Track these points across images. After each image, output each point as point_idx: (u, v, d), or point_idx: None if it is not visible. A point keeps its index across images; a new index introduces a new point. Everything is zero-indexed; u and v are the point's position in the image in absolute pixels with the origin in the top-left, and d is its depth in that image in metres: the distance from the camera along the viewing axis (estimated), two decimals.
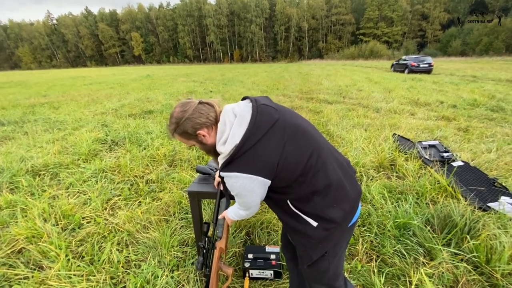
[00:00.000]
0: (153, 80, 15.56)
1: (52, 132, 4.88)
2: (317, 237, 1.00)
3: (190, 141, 1.04)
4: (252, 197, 0.98)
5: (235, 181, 0.95)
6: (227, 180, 0.97)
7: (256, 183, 0.94)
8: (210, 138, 1.02)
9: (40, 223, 2.13)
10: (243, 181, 0.93)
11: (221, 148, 0.96)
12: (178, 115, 0.99)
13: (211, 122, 1.00)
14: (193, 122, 0.98)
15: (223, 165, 0.96)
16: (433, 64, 16.06)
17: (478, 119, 5.21)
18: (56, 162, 3.38)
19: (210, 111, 1.00)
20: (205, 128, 1.00)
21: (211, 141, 1.03)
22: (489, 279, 1.60)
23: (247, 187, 0.95)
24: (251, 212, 1.10)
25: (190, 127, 0.98)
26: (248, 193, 0.97)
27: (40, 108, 7.25)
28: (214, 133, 1.01)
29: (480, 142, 3.88)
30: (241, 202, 1.05)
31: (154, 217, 2.29)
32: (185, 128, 0.99)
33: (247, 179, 0.93)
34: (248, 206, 1.04)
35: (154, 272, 1.71)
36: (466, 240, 1.81)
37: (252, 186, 0.95)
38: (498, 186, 2.56)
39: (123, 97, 8.90)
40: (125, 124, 5.10)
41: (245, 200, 1.01)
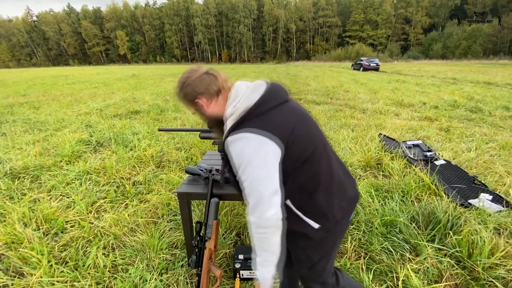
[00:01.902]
0: (140, 80, 15.24)
1: (32, 133, 4.69)
2: (318, 239, 0.98)
3: (190, 107, 1.04)
4: (263, 173, 0.82)
5: (242, 145, 0.84)
6: (233, 147, 0.85)
7: (267, 148, 0.83)
8: (209, 108, 1.00)
9: (20, 228, 2.04)
10: (253, 144, 0.83)
11: (232, 109, 0.91)
12: (182, 79, 1.00)
13: (211, 92, 0.98)
14: (192, 89, 0.98)
15: (232, 127, 0.90)
16: (379, 64, 22.22)
17: (458, 119, 5.43)
18: (36, 164, 3.24)
19: (212, 82, 0.98)
20: (204, 97, 0.98)
21: (209, 111, 1.01)
22: (471, 272, 1.66)
23: (257, 153, 0.82)
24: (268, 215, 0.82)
25: (189, 94, 0.99)
26: (259, 164, 0.82)
27: (19, 108, 6.94)
28: (214, 104, 1.00)
29: (460, 141, 4.05)
30: (250, 190, 0.84)
31: (142, 219, 2.24)
32: (185, 94, 1.00)
33: (257, 142, 0.83)
34: (260, 196, 0.82)
35: (142, 275, 1.67)
36: (449, 236, 1.88)
37: (263, 153, 0.82)
38: (478, 184, 2.67)
39: (108, 97, 8.67)
40: (111, 125, 4.97)
41: (255, 181, 0.82)
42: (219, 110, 1.00)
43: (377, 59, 23.38)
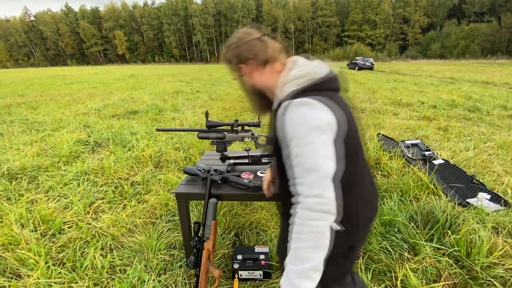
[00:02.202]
0: (138, 80, 15.21)
1: (30, 133, 4.66)
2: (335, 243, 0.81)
3: (233, 72, 0.97)
4: (326, 149, 0.72)
5: (307, 111, 0.73)
6: (295, 111, 0.74)
7: (326, 121, 0.73)
8: (252, 77, 0.93)
9: (17, 229, 2.02)
10: (321, 114, 0.73)
11: (296, 74, 0.82)
12: (233, 40, 0.92)
13: (258, 60, 0.89)
14: (240, 53, 0.90)
15: (294, 92, 0.80)
16: (374, 63, 23.26)
17: (457, 119, 5.45)
18: (34, 164, 3.23)
19: (262, 50, 0.88)
20: (250, 64, 0.90)
21: (252, 80, 0.93)
22: (469, 272, 1.66)
23: (314, 117, 0.72)
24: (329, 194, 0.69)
25: (236, 57, 0.91)
26: (322, 137, 0.72)
27: (16, 108, 6.90)
28: (259, 73, 0.91)
29: (458, 140, 4.05)
30: (308, 165, 0.70)
31: (140, 220, 2.23)
32: (231, 56, 0.92)
33: (317, 111, 0.74)
34: (322, 173, 0.69)
35: (140, 276, 1.66)
36: (447, 235, 1.88)
37: (320, 122, 0.72)
38: (476, 183, 2.68)
39: (106, 97, 8.64)
40: (109, 125, 4.95)
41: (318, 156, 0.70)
42: (263, 80, 0.92)
43: (372, 58, 24.60)
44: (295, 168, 0.73)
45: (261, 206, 2.38)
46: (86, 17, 73.20)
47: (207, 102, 7.73)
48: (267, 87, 0.92)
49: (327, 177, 0.70)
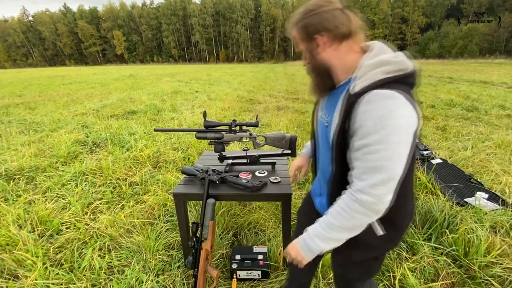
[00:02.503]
0: (137, 80, 15.17)
1: (28, 134, 4.64)
2: (370, 246, 0.88)
3: (301, 43, 0.86)
4: (405, 152, 0.69)
5: (395, 107, 0.67)
6: (382, 104, 0.67)
7: (410, 121, 0.68)
8: (325, 51, 0.82)
9: (15, 230, 2.02)
10: (407, 113, 0.68)
11: (389, 59, 0.73)
12: (311, 6, 0.80)
13: (337, 34, 0.78)
14: (319, 21, 0.78)
15: (380, 81, 0.71)
16: None
17: (455, 118, 5.46)
18: (32, 165, 3.22)
19: (344, 23, 0.78)
20: (326, 36, 0.79)
21: (324, 56, 0.82)
22: (467, 271, 1.67)
23: (408, 126, 0.68)
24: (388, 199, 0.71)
25: (312, 25, 0.79)
26: (405, 139, 0.68)
27: (14, 109, 6.88)
28: (333, 49, 0.81)
29: (456, 140, 4.06)
30: (383, 164, 0.68)
31: (138, 220, 2.22)
32: (307, 24, 0.80)
33: (404, 108, 0.67)
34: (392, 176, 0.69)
35: (138, 277, 1.66)
36: (445, 235, 1.88)
37: (405, 122, 0.68)
38: (474, 182, 2.69)
39: (104, 97, 8.62)
40: (107, 125, 4.93)
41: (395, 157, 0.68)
42: (335, 57, 0.81)
43: None
44: (363, 163, 0.71)
45: (259, 206, 2.38)
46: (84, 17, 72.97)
47: (206, 102, 7.72)
48: (337, 66, 0.83)
49: (393, 181, 0.70)
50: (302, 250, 0.83)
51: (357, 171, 0.74)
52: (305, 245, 0.83)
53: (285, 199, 1.52)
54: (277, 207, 2.36)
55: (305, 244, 0.83)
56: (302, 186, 2.81)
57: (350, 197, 0.74)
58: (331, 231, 0.78)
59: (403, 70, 0.73)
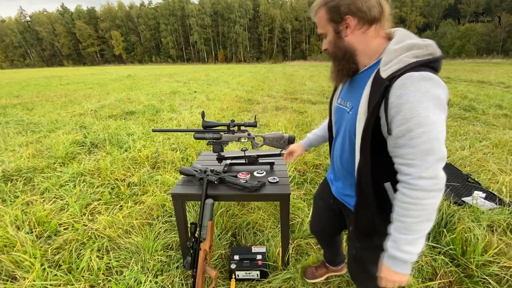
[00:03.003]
0: (135, 80, 15.14)
1: (25, 134, 4.62)
2: None
3: (328, 24, 0.84)
4: (444, 130, 0.71)
5: (434, 86, 0.68)
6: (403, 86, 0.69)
7: (446, 99, 0.70)
8: (353, 34, 0.82)
9: (13, 231, 2.01)
10: (437, 86, 0.69)
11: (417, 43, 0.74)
12: None
13: (368, 17, 0.78)
14: (353, 1, 0.78)
15: (414, 63, 0.71)
16: None
17: (452, 118, 5.48)
18: (30, 166, 3.20)
19: (375, 7, 0.78)
20: (357, 17, 0.79)
21: (350, 39, 0.82)
22: (465, 270, 1.68)
23: (444, 104, 0.70)
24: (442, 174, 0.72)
25: (345, 5, 0.78)
26: (444, 118, 0.70)
27: (12, 110, 6.84)
28: (361, 32, 0.81)
29: (454, 140, 4.08)
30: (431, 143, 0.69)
31: (137, 221, 2.22)
32: (341, 3, 0.79)
33: (440, 88, 0.69)
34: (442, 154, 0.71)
35: (137, 278, 1.65)
36: (443, 234, 1.89)
37: (443, 100, 0.70)
38: (471, 182, 2.70)
39: (102, 98, 8.59)
40: (105, 126, 4.92)
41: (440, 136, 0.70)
42: (363, 41, 0.82)
43: None
44: (411, 148, 0.71)
45: (258, 207, 2.38)
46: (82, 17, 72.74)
47: (204, 102, 7.71)
48: (363, 50, 0.83)
49: (443, 159, 0.71)
50: (398, 268, 0.78)
51: (407, 158, 0.72)
52: (396, 262, 0.78)
53: (283, 199, 1.53)
54: (276, 207, 2.36)
55: (395, 261, 0.78)
56: (301, 186, 2.81)
57: (411, 188, 0.73)
58: (413, 231, 0.75)
59: (432, 54, 0.73)
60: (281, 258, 1.71)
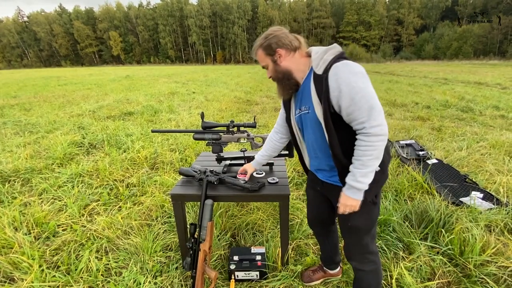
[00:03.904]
0: (133, 81, 15.11)
1: (23, 135, 4.60)
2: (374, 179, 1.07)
3: (266, 58, 1.16)
4: (366, 84, 0.97)
5: (352, 65, 0.99)
6: (344, 67, 0.98)
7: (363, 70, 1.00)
8: (285, 60, 1.14)
9: (11, 232, 1.99)
10: (353, 65, 0.99)
11: (328, 49, 1.07)
12: (269, 32, 1.14)
13: (291, 47, 1.12)
14: (277, 40, 1.11)
15: (333, 58, 1.03)
16: None
17: (450, 119, 5.52)
18: (27, 167, 3.19)
19: (294, 39, 1.14)
20: (284, 49, 1.12)
21: (284, 63, 1.14)
22: (463, 270, 1.69)
23: (356, 69, 0.98)
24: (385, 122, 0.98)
25: (274, 43, 1.11)
26: (369, 83, 0.98)
27: (9, 110, 6.81)
28: (290, 58, 1.13)
29: (452, 140, 4.11)
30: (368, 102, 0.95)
31: (136, 222, 2.21)
32: (269, 43, 1.12)
33: (355, 65, 1.00)
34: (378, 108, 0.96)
35: (136, 279, 1.65)
36: (441, 234, 1.90)
37: (363, 70, 0.99)
38: (469, 182, 2.72)
39: (101, 98, 8.57)
40: (104, 126, 4.91)
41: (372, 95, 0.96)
42: (293, 63, 1.14)
43: None
44: (359, 110, 0.96)
45: (257, 207, 2.39)
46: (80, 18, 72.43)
47: (203, 103, 7.71)
48: (296, 69, 1.14)
49: (381, 110, 0.97)
50: (353, 195, 1.06)
51: (359, 118, 0.97)
52: (353, 190, 1.05)
53: (283, 199, 1.53)
54: (275, 208, 2.36)
55: (353, 189, 1.05)
56: (300, 187, 2.82)
57: (366, 136, 0.98)
58: (367, 166, 1.00)
59: (339, 51, 1.07)
60: (280, 259, 1.71)
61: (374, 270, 1.29)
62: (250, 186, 1.50)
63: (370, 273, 1.29)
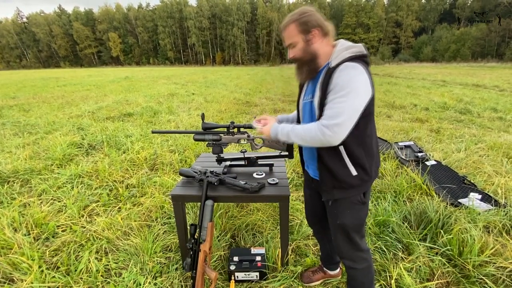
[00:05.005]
0: (133, 82, 15.11)
1: (22, 136, 4.59)
2: (350, 184, 1.13)
3: (299, 35, 1.10)
4: (359, 106, 1.00)
5: (356, 74, 1.00)
6: (348, 71, 0.99)
7: (368, 89, 1.02)
8: (317, 42, 1.10)
9: (10, 233, 1.99)
10: (363, 79, 1.00)
11: (352, 44, 1.08)
12: (305, 9, 1.10)
13: (325, 30, 1.10)
14: (316, 19, 1.08)
15: (349, 57, 1.04)
16: None
17: (448, 120, 5.55)
18: (27, 167, 3.18)
19: (328, 25, 1.12)
20: (319, 31, 1.08)
21: (315, 46, 1.10)
22: (462, 270, 1.70)
23: (362, 88, 1.00)
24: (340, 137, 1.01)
25: (312, 21, 1.07)
26: (360, 97, 1.00)
27: (8, 111, 6.80)
28: (321, 41, 1.10)
29: (450, 142, 4.13)
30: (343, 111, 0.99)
31: (135, 223, 2.21)
32: (307, 20, 1.07)
33: (366, 80, 1.01)
34: (347, 121, 0.99)
35: (136, 279, 1.65)
36: (440, 235, 1.91)
37: (366, 90, 1.01)
38: (467, 183, 2.73)
39: (100, 99, 8.56)
40: (103, 127, 4.91)
41: (351, 108, 0.99)
42: (322, 47, 1.11)
43: None
44: (331, 109, 1.01)
45: (257, 208, 2.39)
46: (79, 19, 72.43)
47: (202, 104, 7.72)
48: (322, 54, 1.12)
49: (349, 127, 1.00)
50: (272, 129, 1.23)
51: (326, 113, 1.02)
52: (277, 128, 1.21)
53: (283, 200, 1.54)
54: (275, 209, 2.37)
55: (277, 128, 1.21)
56: (299, 188, 2.83)
57: (318, 127, 1.03)
58: (293, 133, 1.14)
59: (361, 52, 1.06)
60: (280, 259, 1.71)
61: (366, 268, 1.30)
62: (250, 187, 1.51)
63: (362, 271, 1.30)
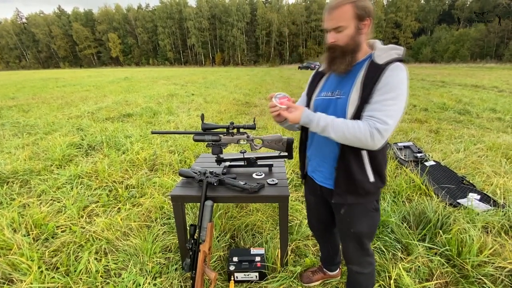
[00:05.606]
0: (132, 83, 15.10)
1: (21, 136, 4.59)
2: (367, 190, 1.10)
3: (352, 20, 0.98)
4: (403, 99, 0.97)
5: (404, 77, 0.98)
6: (398, 72, 0.97)
7: (407, 86, 1.00)
8: (364, 34, 1.03)
9: (9, 233, 1.99)
10: (406, 77, 0.99)
11: (396, 46, 1.03)
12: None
13: (371, 24, 1.03)
14: (372, 8, 1.00)
15: (397, 58, 1.00)
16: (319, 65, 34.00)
17: (447, 121, 5.56)
18: (26, 168, 3.18)
19: None
20: (370, 21, 1.00)
21: (362, 37, 1.03)
22: (461, 270, 1.70)
23: (406, 83, 0.98)
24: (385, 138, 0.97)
25: (370, 7, 0.98)
26: (403, 90, 0.97)
27: (7, 112, 6.79)
28: (366, 33, 1.03)
29: (449, 143, 4.14)
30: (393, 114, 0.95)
31: (135, 223, 2.21)
32: (365, 5, 0.97)
33: (407, 78, 1.00)
34: (394, 123, 0.96)
35: (135, 280, 1.65)
36: (439, 235, 1.92)
37: (407, 86, 1.00)
38: (466, 184, 2.74)
39: (99, 100, 8.56)
40: (103, 128, 4.91)
41: (400, 111, 0.97)
42: (364, 41, 1.05)
43: (318, 62, 32.23)
44: (385, 107, 0.95)
45: (256, 208, 2.39)
46: (79, 20, 72.47)
47: (202, 105, 7.72)
48: (362, 47, 1.05)
49: (392, 129, 0.97)
50: (303, 114, 1.08)
51: (376, 115, 0.96)
52: (309, 116, 1.06)
53: (282, 200, 1.54)
54: (274, 209, 2.37)
55: (309, 116, 1.06)
56: (299, 188, 2.83)
57: (369, 128, 0.96)
58: (333, 127, 1.01)
59: (403, 54, 1.03)
60: (279, 260, 1.72)
61: (372, 271, 1.31)
62: (250, 187, 1.51)
63: (368, 275, 1.30)
